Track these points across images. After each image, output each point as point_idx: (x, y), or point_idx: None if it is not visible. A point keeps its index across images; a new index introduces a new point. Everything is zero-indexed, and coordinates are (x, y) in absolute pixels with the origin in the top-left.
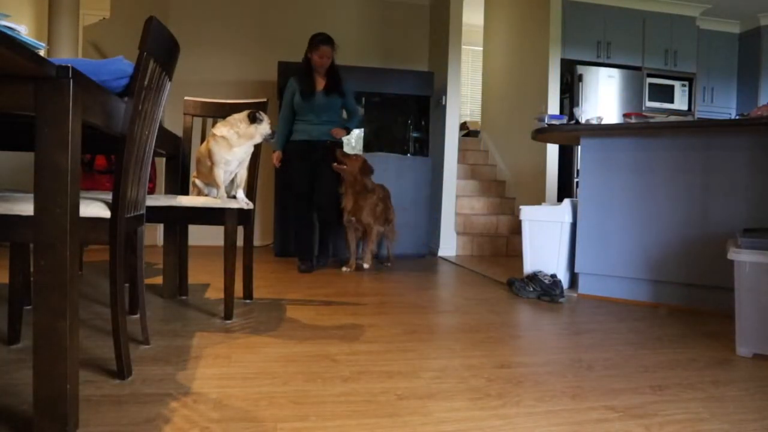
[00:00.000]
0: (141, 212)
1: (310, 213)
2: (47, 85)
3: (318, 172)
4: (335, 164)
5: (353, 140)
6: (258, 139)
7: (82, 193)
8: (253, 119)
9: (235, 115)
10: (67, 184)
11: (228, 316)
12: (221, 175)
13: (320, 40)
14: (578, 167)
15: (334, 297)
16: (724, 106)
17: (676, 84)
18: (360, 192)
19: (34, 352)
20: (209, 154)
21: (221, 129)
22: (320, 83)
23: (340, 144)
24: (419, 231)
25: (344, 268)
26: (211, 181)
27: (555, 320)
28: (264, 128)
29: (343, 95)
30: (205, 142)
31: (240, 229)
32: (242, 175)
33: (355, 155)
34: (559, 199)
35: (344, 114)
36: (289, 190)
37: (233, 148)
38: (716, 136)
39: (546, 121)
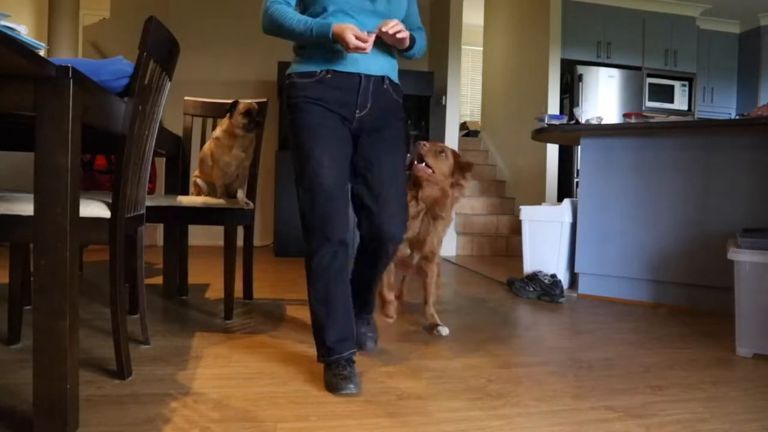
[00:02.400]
0: (141, 212)
1: (343, 234)
2: (47, 85)
3: (370, 148)
4: (417, 165)
5: None
6: (239, 132)
7: (82, 193)
8: (226, 113)
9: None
10: (67, 184)
11: (228, 316)
12: (221, 175)
13: None
14: (578, 167)
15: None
16: (724, 106)
17: (676, 84)
18: (439, 212)
19: (34, 352)
20: (211, 155)
21: (216, 130)
22: None
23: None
24: None
25: (389, 319)
26: (212, 181)
27: (555, 320)
28: (236, 120)
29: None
30: (207, 143)
31: (240, 229)
32: (243, 176)
33: (440, 147)
34: (559, 199)
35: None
36: (302, 187)
37: (230, 150)
38: (716, 136)
39: (546, 121)
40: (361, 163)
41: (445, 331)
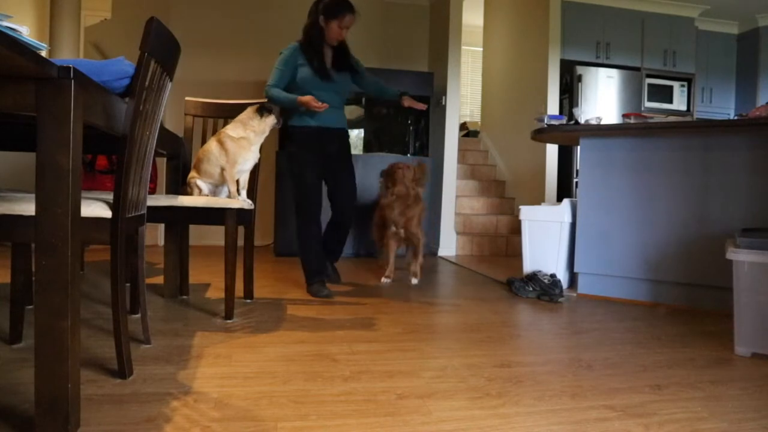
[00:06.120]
0: (142, 212)
1: (319, 218)
2: (49, 86)
3: (335, 167)
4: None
5: (355, 140)
6: (267, 132)
7: (83, 193)
8: (261, 113)
9: (243, 115)
10: (69, 184)
11: (229, 315)
12: (236, 175)
13: (347, 6)
14: (578, 167)
15: (334, 297)
16: (723, 107)
17: (675, 84)
18: (411, 203)
19: (36, 351)
20: (226, 155)
21: (238, 131)
22: (328, 58)
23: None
24: None
25: (384, 279)
26: (218, 181)
27: (554, 320)
28: (272, 119)
29: (355, 71)
30: (213, 143)
31: (241, 229)
32: (245, 176)
33: (405, 165)
34: (559, 199)
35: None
36: (298, 189)
37: (252, 147)
38: (715, 137)
39: (545, 122)
40: (330, 174)
41: (414, 281)
